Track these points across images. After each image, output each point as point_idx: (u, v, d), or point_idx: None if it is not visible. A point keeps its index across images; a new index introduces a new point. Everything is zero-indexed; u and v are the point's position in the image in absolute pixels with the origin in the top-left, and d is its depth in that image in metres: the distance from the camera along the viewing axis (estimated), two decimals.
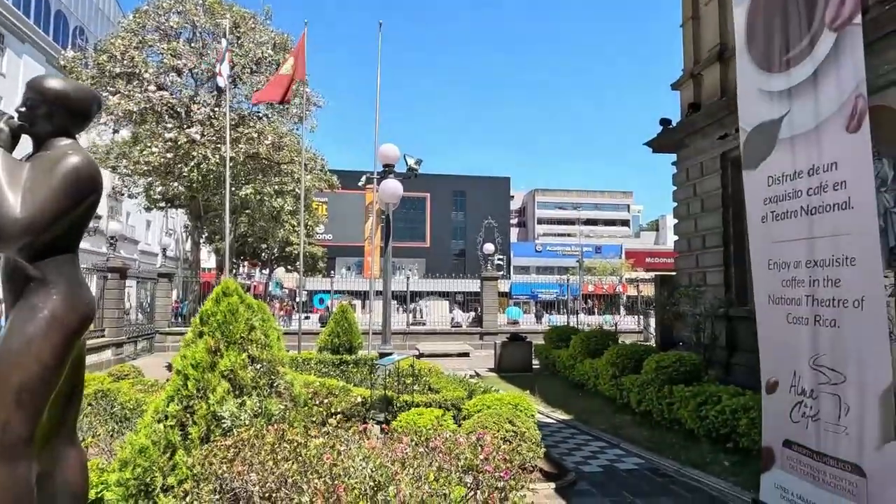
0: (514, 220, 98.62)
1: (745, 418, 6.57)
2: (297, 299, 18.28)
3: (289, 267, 50.77)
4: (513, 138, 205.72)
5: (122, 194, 29.66)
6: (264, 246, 43.35)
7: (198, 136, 22.17)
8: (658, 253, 79.96)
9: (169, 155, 22.00)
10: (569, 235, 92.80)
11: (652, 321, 20.35)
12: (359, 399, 8.04)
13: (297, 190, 25.39)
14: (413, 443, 3.40)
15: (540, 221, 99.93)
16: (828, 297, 4.33)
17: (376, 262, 30.27)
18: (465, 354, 19.67)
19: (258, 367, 3.87)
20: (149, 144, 22.46)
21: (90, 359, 14.90)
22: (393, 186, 10.38)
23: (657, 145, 12.70)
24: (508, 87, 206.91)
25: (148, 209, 33.10)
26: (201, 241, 30.58)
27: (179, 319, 23.27)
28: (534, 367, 15.36)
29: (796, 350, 4.55)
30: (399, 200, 10.71)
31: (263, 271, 52.63)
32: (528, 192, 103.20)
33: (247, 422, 3.60)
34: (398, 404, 7.80)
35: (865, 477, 4.03)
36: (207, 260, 51.93)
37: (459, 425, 6.85)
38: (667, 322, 11.74)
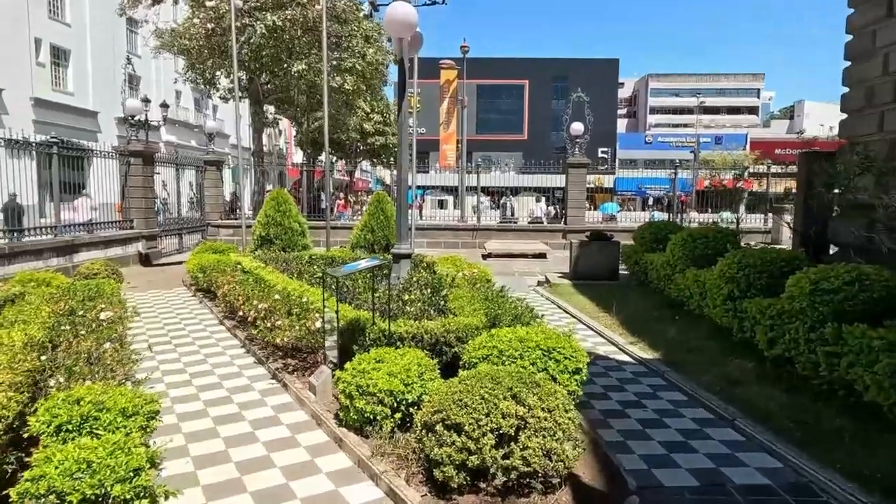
0: (623, 111, 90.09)
1: None
2: (326, 192, 15.68)
3: (374, 160, 48.80)
4: (624, 14, 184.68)
5: (198, 83, 27.87)
6: (345, 138, 41.25)
7: (240, 2, 19.37)
8: (791, 143, 69.76)
9: (210, 25, 19.53)
10: (685, 126, 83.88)
11: (787, 219, 15.84)
12: (317, 324, 5.32)
13: (357, 66, 22.30)
14: None
15: (652, 111, 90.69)
16: None
17: (452, 150, 27.14)
18: (542, 255, 16.52)
19: None
20: (190, 16, 20.16)
21: (113, 251, 13.47)
22: (402, 12, 7.02)
23: None
24: None
25: (224, 99, 31.49)
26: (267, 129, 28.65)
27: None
28: (621, 273, 12.00)
29: None
30: (414, 32, 7.35)
31: (358, 162, 50.67)
32: (639, 79, 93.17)
33: None
34: (372, 335, 5.00)
35: None
36: (295, 154, 51.25)
37: (457, 371, 3.95)
38: (820, 215, 7.87)
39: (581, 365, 4.27)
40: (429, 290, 6.96)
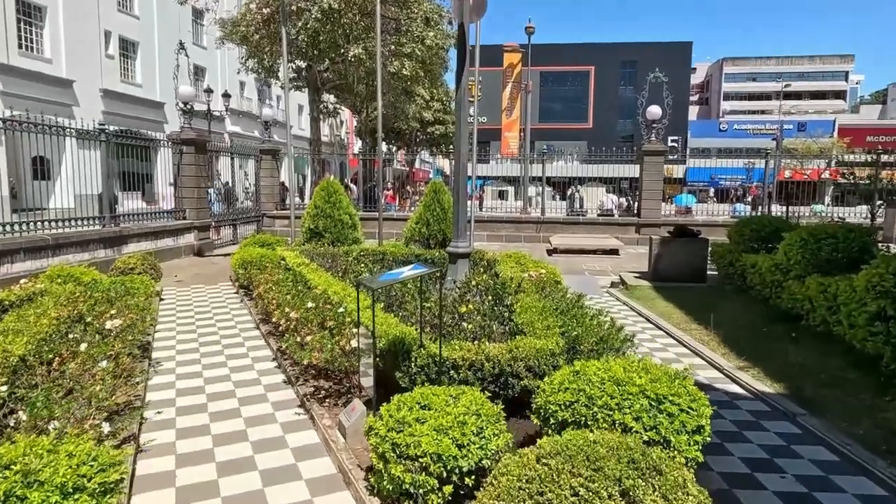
0: (695, 97, 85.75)
1: None
2: (379, 183, 14.69)
3: (433, 150, 47.93)
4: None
5: (258, 73, 27.45)
6: (405, 127, 40.44)
7: None
8: (885, 129, 64.18)
9: (266, 10, 19.05)
10: (762, 112, 79.08)
11: None
12: (352, 343, 4.33)
13: (416, 51, 21.29)
14: None
15: (726, 97, 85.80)
16: None
17: (514, 138, 25.79)
18: (614, 252, 15.06)
19: None
20: (247, 2, 19.79)
21: (164, 242, 13.08)
22: None
23: None
24: None
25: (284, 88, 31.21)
26: (321, 118, 28.17)
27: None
28: (709, 275, 10.49)
29: None
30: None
31: (417, 152, 49.74)
32: (713, 63, 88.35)
33: None
34: (419, 362, 3.97)
35: None
36: (355, 144, 51.00)
37: (525, 411, 2.86)
38: None
39: (703, 421, 3.06)
40: (490, 298, 5.87)
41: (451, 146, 42.88)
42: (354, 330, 4.49)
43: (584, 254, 14.95)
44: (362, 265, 7.90)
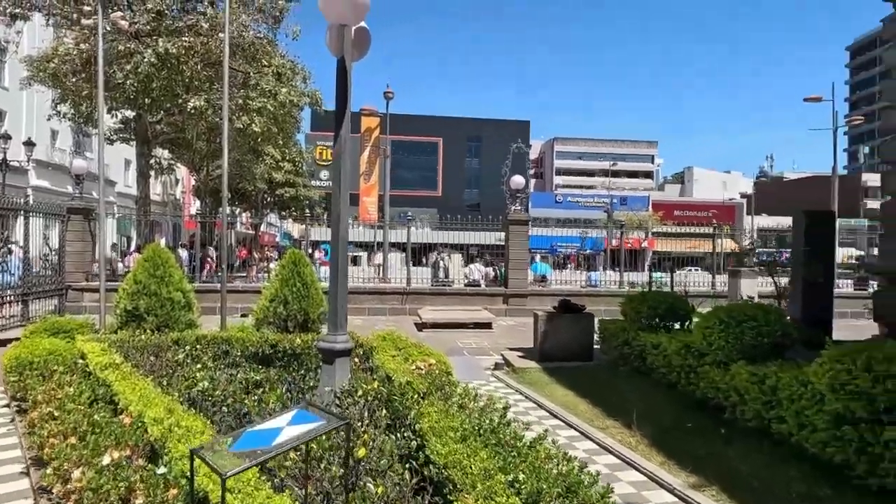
0: (531, 171, 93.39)
1: None
2: (223, 249, 12.66)
3: (283, 213, 45.21)
4: (532, 82, 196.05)
5: (74, 120, 23.31)
6: (251, 188, 37.53)
7: (125, 24, 16.28)
8: (687, 205, 75.89)
9: (84, 46, 16.24)
10: (589, 187, 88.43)
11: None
12: None
13: (268, 106, 19.50)
14: None
15: (558, 172, 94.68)
16: None
17: (373, 203, 24.68)
18: (487, 325, 14.17)
19: None
20: (60, 35, 16.79)
21: None
22: None
23: None
24: (527, 23, 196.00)
25: (109, 141, 27.13)
26: (152, 174, 24.98)
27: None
28: (594, 350, 9.86)
29: None
30: (361, 23, 4.94)
31: (265, 214, 46.31)
32: (546, 142, 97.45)
33: None
34: None
35: None
36: (192, 205, 46.45)
37: None
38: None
39: None
40: (386, 414, 4.32)
41: (304, 210, 40.72)
42: None
43: (457, 328, 13.88)
44: (199, 365, 5.87)
